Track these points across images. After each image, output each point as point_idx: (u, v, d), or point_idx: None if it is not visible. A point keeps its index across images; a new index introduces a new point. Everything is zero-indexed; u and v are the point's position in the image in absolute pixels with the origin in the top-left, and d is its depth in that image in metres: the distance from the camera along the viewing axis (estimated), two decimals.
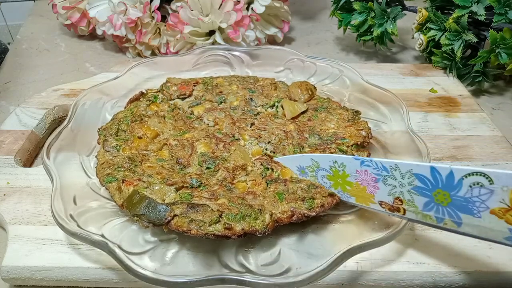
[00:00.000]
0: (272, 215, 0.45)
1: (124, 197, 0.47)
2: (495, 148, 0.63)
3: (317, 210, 0.46)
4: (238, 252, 0.45)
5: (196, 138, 0.57)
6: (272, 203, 0.46)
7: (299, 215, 0.45)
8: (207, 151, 0.55)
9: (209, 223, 0.43)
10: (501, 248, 0.48)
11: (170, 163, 0.53)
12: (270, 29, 0.93)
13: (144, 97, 0.67)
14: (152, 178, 0.49)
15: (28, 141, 0.63)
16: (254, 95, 0.66)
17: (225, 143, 0.56)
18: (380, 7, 0.83)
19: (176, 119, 0.61)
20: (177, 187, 0.48)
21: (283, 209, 0.46)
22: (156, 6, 0.85)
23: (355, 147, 0.54)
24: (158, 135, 0.58)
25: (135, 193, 0.46)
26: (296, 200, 0.47)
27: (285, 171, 0.52)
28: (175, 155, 0.54)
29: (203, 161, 0.53)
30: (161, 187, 0.48)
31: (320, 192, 0.48)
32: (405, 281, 0.46)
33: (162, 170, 0.51)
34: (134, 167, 0.51)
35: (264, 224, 0.44)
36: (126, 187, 0.47)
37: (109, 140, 0.56)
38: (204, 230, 0.42)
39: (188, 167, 0.53)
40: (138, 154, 0.54)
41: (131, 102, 0.66)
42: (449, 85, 0.79)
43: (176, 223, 0.43)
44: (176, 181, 0.49)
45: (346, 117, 0.60)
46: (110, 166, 0.51)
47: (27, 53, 0.95)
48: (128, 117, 0.60)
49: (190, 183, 0.49)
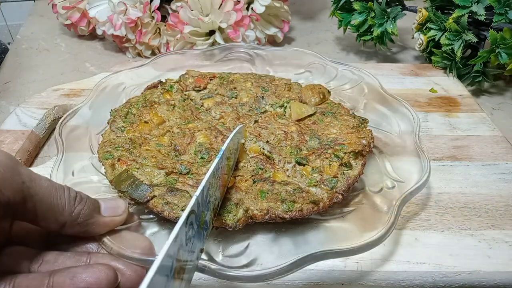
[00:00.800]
0: (248, 210, 0.46)
1: (115, 174, 0.50)
2: (495, 148, 0.63)
3: (294, 214, 0.46)
4: (208, 239, 0.46)
5: (198, 129, 0.59)
6: (252, 199, 0.47)
7: (272, 215, 0.45)
8: (205, 141, 0.56)
9: (181, 208, 0.45)
10: (501, 248, 0.48)
11: (168, 149, 0.55)
12: (270, 29, 0.93)
13: (162, 85, 0.69)
14: (146, 161, 0.52)
15: (28, 141, 0.63)
16: (266, 93, 0.67)
17: (224, 136, 0.57)
18: (380, 7, 0.83)
19: (185, 109, 0.63)
20: (167, 172, 0.50)
21: (261, 207, 0.46)
22: (156, 6, 0.85)
23: (353, 155, 0.53)
24: (164, 122, 0.60)
25: (125, 171, 0.49)
26: (276, 201, 0.47)
27: (277, 174, 0.52)
28: (174, 142, 0.56)
29: (199, 151, 0.54)
30: (152, 170, 0.50)
31: (304, 197, 0.47)
32: (405, 281, 0.46)
33: (157, 154, 0.53)
34: (133, 148, 0.54)
35: (235, 219, 0.45)
36: (120, 166, 0.51)
37: (116, 121, 0.59)
38: (175, 214, 0.45)
39: (183, 154, 0.55)
40: (140, 137, 0.57)
41: (148, 89, 0.68)
42: (449, 85, 0.79)
43: (153, 203, 0.46)
44: (167, 166, 0.51)
45: (351, 124, 0.59)
46: (111, 145, 0.54)
47: (27, 53, 0.95)
48: (140, 102, 0.63)
49: (179, 169, 0.51)
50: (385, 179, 0.53)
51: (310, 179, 0.50)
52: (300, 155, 0.54)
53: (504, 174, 0.59)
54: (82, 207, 0.38)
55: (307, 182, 0.50)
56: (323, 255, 0.41)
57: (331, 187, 0.49)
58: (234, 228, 0.44)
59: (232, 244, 0.47)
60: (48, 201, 0.36)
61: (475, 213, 0.53)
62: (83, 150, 0.56)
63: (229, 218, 0.45)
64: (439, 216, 0.52)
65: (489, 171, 0.59)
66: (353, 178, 0.51)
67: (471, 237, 0.50)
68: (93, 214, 0.39)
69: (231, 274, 0.40)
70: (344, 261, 0.46)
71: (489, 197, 0.55)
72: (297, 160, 0.53)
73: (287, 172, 0.52)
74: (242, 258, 0.45)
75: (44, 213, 0.36)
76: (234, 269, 0.40)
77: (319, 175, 0.51)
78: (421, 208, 0.53)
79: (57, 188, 0.37)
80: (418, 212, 0.53)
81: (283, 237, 0.48)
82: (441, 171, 0.59)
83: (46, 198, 0.36)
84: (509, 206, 0.54)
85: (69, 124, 0.58)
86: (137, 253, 0.39)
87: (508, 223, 0.51)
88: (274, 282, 0.45)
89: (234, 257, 0.45)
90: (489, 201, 0.54)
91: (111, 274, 0.36)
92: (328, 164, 0.52)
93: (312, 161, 0.52)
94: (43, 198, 0.35)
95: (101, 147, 0.54)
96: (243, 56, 0.78)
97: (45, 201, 0.36)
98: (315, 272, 0.46)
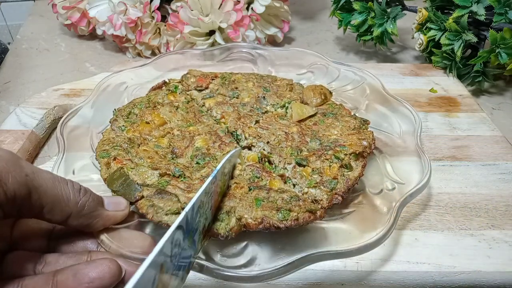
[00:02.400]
0: (242, 219, 0.44)
1: (109, 173, 0.50)
2: (495, 148, 0.63)
3: (289, 224, 0.43)
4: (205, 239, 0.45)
5: (198, 132, 0.58)
6: (246, 207, 0.45)
7: (266, 224, 0.43)
8: (203, 146, 0.56)
9: (165, 213, 0.44)
10: (501, 248, 0.48)
11: (166, 151, 0.55)
12: (270, 29, 0.93)
13: (166, 86, 0.69)
14: (142, 161, 0.52)
15: (28, 141, 0.63)
16: (267, 94, 0.66)
17: (222, 142, 0.56)
18: (380, 7, 0.83)
19: (187, 111, 0.63)
20: (161, 173, 0.50)
21: (256, 215, 0.44)
22: (156, 6, 0.85)
23: (354, 156, 0.53)
24: (165, 123, 0.60)
25: (118, 170, 0.49)
26: (272, 209, 0.45)
27: (274, 182, 0.51)
28: (172, 144, 0.56)
29: (195, 156, 0.54)
30: (146, 170, 0.50)
31: (300, 205, 0.45)
32: (405, 281, 0.46)
33: (154, 156, 0.53)
34: (130, 148, 0.54)
35: (227, 228, 0.43)
36: (115, 164, 0.51)
37: (118, 120, 0.59)
38: (158, 218, 0.44)
39: (180, 157, 0.54)
40: (139, 137, 0.57)
41: (153, 90, 0.68)
42: (449, 85, 0.79)
43: (139, 204, 0.45)
44: (161, 167, 0.51)
45: (352, 125, 0.59)
46: (110, 144, 0.54)
47: (27, 53, 0.95)
48: (143, 103, 0.63)
49: (173, 171, 0.50)
50: (385, 180, 0.53)
51: (310, 180, 0.50)
52: (300, 156, 0.53)
53: (504, 174, 0.59)
54: (87, 199, 0.39)
55: (306, 183, 0.50)
56: (321, 256, 0.41)
57: (331, 189, 0.49)
58: (226, 238, 0.43)
59: (230, 244, 0.47)
60: (53, 192, 0.36)
61: (475, 213, 0.53)
62: (84, 149, 0.56)
63: (221, 227, 0.43)
64: (439, 216, 0.52)
65: (489, 171, 0.59)
66: (353, 179, 0.50)
67: (471, 237, 0.50)
68: (97, 207, 0.39)
69: (229, 274, 0.40)
70: (344, 261, 0.46)
71: (489, 197, 0.55)
72: (297, 161, 0.52)
73: (287, 173, 0.52)
74: (240, 258, 0.45)
75: (49, 204, 0.36)
76: (232, 269, 0.40)
77: (319, 176, 0.50)
78: (421, 208, 0.54)
79: (59, 180, 0.37)
80: (418, 212, 0.53)
81: (282, 238, 0.48)
82: (441, 171, 0.59)
83: (50, 190, 0.36)
84: (509, 206, 0.54)
85: (71, 123, 0.58)
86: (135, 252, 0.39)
87: (508, 223, 0.51)
88: (274, 282, 0.45)
89: (232, 257, 0.45)
90: (489, 201, 0.54)
91: (113, 267, 0.36)
92: (328, 166, 0.52)
93: (312, 162, 0.52)
94: (47, 190, 0.36)
95: (100, 146, 0.55)
96: (245, 56, 0.78)
97: (49, 193, 0.36)
98: (315, 272, 0.46)
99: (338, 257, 0.42)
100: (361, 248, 0.42)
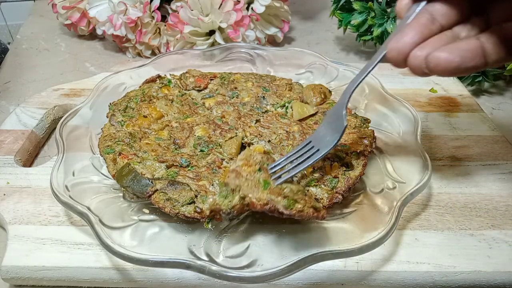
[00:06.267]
0: (246, 198, 0.42)
1: (117, 169, 0.51)
2: (495, 148, 0.63)
3: (294, 213, 0.42)
4: (209, 240, 0.47)
5: (196, 123, 0.59)
6: (252, 187, 0.43)
7: (272, 207, 0.42)
8: (204, 135, 0.57)
9: (182, 204, 0.46)
10: (501, 248, 0.48)
11: (167, 143, 0.56)
12: (270, 29, 0.93)
13: (160, 80, 0.69)
14: (146, 154, 0.53)
15: (28, 141, 0.63)
16: (267, 93, 0.66)
17: (222, 130, 0.58)
18: (380, 7, 0.83)
19: (183, 104, 0.64)
20: (168, 165, 0.51)
21: (261, 196, 0.42)
22: (156, 6, 0.85)
23: (355, 155, 0.53)
24: (163, 116, 0.61)
25: (126, 165, 0.50)
26: (278, 195, 0.43)
27: None
28: (173, 136, 0.57)
29: (198, 144, 0.55)
30: (153, 163, 0.51)
31: (306, 200, 0.44)
32: (405, 281, 0.46)
33: (157, 148, 0.54)
34: (133, 142, 0.55)
35: (230, 204, 0.42)
36: (121, 160, 0.52)
37: (116, 115, 0.60)
38: (176, 210, 0.46)
39: (183, 147, 0.55)
40: (139, 131, 0.57)
41: (146, 83, 0.68)
42: (449, 85, 0.79)
43: (154, 198, 0.47)
44: (168, 159, 0.52)
45: (353, 124, 0.59)
46: (112, 139, 0.55)
47: (27, 53, 0.95)
48: (139, 96, 0.64)
49: (180, 162, 0.51)
50: (386, 179, 0.53)
51: (311, 179, 0.50)
52: None
53: (504, 174, 0.59)
54: None
55: (307, 182, 0.50)
56: (323, 256, 0.41)
57: (331, 187, 0.49)
58: (228, 215, 0.42)
59: (232, 245, 0.47)
60: None
61: (475, 213, 0.53)
62: (83, 150, 0.56)
63: (223, 204, 0.42)
64: (439, 216, 0.52)
65: (489, 171, 0.59)
66: (354, 178, 0.51)
67: (471, 237, 0.50)
68: None
69: (231, 275, 0.40)
70: (344, 261, 0.46)
71: (489, 197, 0.55)
72: None
73: None
74: (242, 259, 0.45)
75: None
76: (234, 270, 0.40)
77: (319, 175, 0.50)
78: (421, 208, 0.53)
79: None
80: (418, 212, 0.53)
81: (283, 238, 0.48)
82: (441, 171, 0.59)
83: None
84: (509, 206, 0.54)
85: (70, 124, 0.58)
86: None
87: (508, 223, 0.51)
88: (274, 282, 0.45)
89: (234, 258, 0.45)
90: (489, 201, 0.54)
91: None
92: (329, 164, 0.52)
93: None
94: None
95: (102, 142, 0.55)
96: (244, 56, 0.78)
97: None
98: (315, 272, 0.46)
99: (341, 256, 0.42)
100: (363, 247, 0.42)
